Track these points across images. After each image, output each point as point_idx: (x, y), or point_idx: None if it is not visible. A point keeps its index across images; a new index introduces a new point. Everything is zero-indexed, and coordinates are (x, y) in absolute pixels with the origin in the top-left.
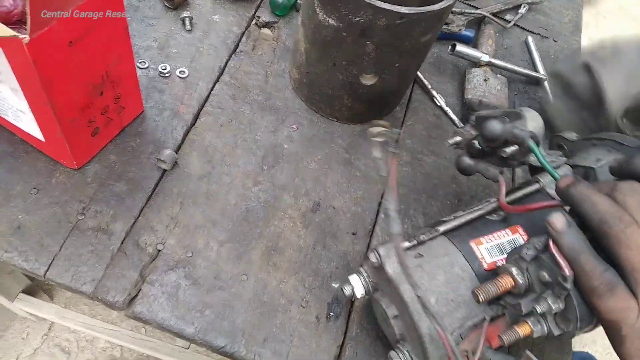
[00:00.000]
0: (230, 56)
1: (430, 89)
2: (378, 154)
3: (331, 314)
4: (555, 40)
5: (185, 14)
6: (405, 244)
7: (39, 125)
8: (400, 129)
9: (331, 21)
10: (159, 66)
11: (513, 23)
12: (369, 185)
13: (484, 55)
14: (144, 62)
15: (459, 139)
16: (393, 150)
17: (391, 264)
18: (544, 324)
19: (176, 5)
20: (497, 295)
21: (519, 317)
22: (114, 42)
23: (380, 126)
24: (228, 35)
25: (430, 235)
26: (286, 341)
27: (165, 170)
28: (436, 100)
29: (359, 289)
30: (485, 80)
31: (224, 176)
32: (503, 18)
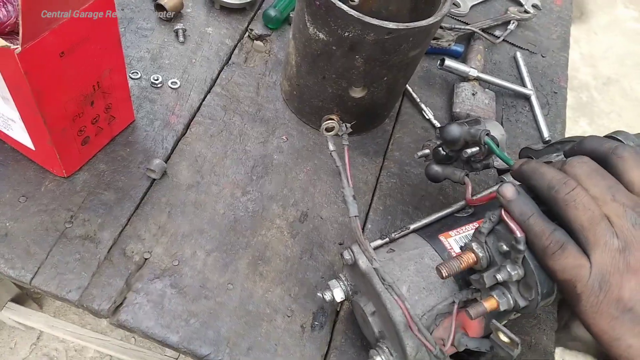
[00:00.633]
0: (222, 68)
1: (419, 103)
2: (332, 147)
3: (316, 323)
4: (543, 56)
5: (179, 25)
6: (377, 242)
7: (29, 134)
8: (389, 141)
9: (321, 35)
10: (151, 77)
11: (502, 39)
12: (356, 196)
13: (472, 70)
14: (137, 73)
15: (427, 152)
16: (346, 142)
17: (364, 259)
18: (508, 295)
19: (170, 17)
20: (461, 270)
21: (487, 294)
22: (106, 53)
23: (331, 120)
24: (221, 47)
25: (401, 232)
26: (270, 350)
27: (155, 179)
28: (425, 114)
29: (338, 293)
30: (474, 94)
31: (213, 186)
32: (492, 34)
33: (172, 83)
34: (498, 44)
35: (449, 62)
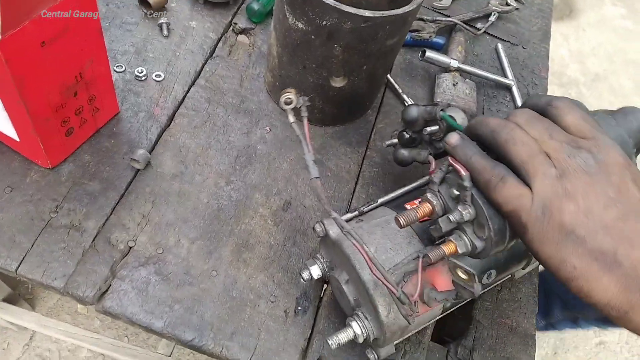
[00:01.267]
0: (206, 61)
1: (401, 93)
2: (292, 119)
3: (299, 308)
4: (524, 48)
5: (163, 19)
6: (348, 215)
7: (13, 125)
8: (372, 131)
9: (300, 25)
10: (136, 70)
11: (483, 31)
12: (339, 185)
13: (453, 61)
14: (121, 66)
15: (395, 141)
16: (305, 114)
17: (334, 228)
18: (465, 238)
19: (154, 11)
20: (417, 218)
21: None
22: (88, 44)
23: (288, 93)
24: (205, 40)
25: (369, 205)
26: (254, 335)
27: (139, 169)
28: (406, 104)
29: (315, 271)
30: (454, 85)
31: (197, 176)
32: (474, 26)
33: (156, 76)
34: (479, 35)
35: (430, 54)
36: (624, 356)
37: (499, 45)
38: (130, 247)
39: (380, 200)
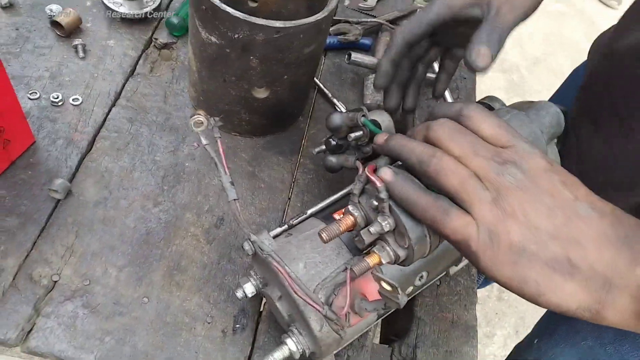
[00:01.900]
0: (126, 80)
1: (332, 98)
2: (204, 141)
3: (237, 326)
4: None
5: (78, 41)
6: (277, 230)
7: None
8: (304, 138)
9: (213, 39)
10: (51, 95)
11: None
12: (273, 196)
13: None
14: (35, 93)
15: (323, 147)
16: (217, 135)
17: (265, 246)
18: (387, 248)
19: (68, 33)
20: (341, 232)
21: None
22: None
23: (198, 115)
24: (124, 59)
25: (299, 218)
26: (191, 359)
27: (59, 200)
28: (337, 108)
29: (249, 288)
30: None
31: (122, 200)
32: (399, 25)
33: (74, 100)
34: None
35: (356, 56)
36: None
37: None
38: (55, 282)
39: (310, 211)
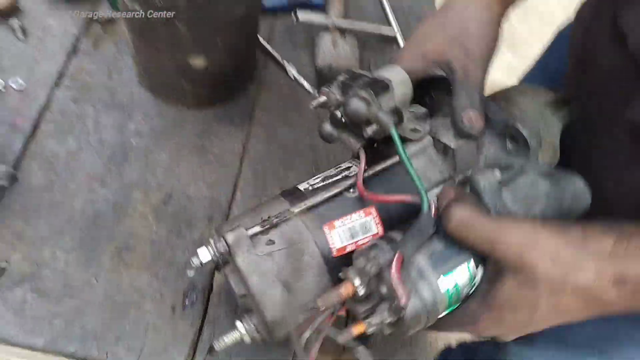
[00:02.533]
0: (69, 58)
1: (282, 61)
2: None
3: (187, 301)
4: None
5: (14, 21)
6: (256, 229)
7: None
8: (254, 105)
9: (136, 6)
10: None
11: None
12: (223, 168)
13: (329, 19)
14: None
15: (324, 99)
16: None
17: (242, 255)
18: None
19: (3, 13)
20: (340, 301)
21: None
22: None
23: None
24: (65, 37)
25: (283, 217)
26: (140, 336)
27: (5, 187)
28: (288, 72)
29: (204, 255)
30: (334, 44)
31: (69, 183)
32: None
33: (15, 83)
34: None
35: (303, 15)
36: None
37: None
38: (3, 269)
39: (296, 211)
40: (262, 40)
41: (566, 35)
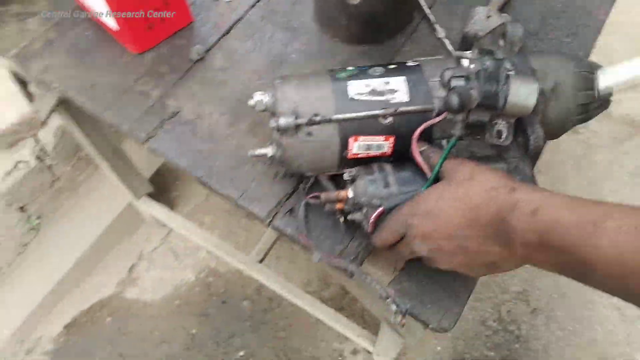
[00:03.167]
0: None
1: (433, 20)
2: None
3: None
4: None
5: None
6: (299, 120)
7: (115, 17)
8: (396, 54)
9: None
10: None
11: None
12: None
13: None
14: None
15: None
16: None
17: (286, 140)
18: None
19: None
20: (334, 200)
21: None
22: None
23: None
24: None
25: (325, 119)
26: (248, 183)
27: (196, 61)
28: (437, 33)
29: (258, 98)
30: (488, 17)
31: (237, 71)
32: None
33: None
34: None
35: None
36: None
37: None
38: (177, 112)
39: (335, 117)
40: (423, 2)
41: None
